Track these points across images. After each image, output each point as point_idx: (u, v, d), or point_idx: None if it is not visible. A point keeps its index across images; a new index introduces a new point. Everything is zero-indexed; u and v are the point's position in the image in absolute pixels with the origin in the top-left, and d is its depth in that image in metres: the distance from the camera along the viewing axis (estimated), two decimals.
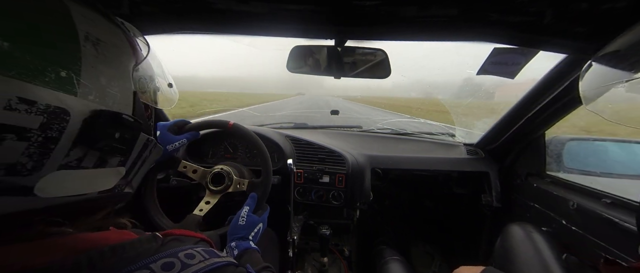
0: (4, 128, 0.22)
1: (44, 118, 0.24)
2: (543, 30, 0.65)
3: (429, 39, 0.74)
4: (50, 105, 0.24)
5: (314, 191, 1.21)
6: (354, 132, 1.65)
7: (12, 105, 0.22)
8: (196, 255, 0.31)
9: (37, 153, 0.24)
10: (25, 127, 0.23)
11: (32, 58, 0.23)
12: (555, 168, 1.13)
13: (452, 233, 1.68)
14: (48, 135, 0.24)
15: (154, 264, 0.28)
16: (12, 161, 0.23)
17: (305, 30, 0.72)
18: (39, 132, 0.24)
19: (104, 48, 0.30)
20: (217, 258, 0.33)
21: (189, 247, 0.32)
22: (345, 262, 1.30)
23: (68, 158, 0.27)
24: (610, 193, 0.86)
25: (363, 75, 0.87)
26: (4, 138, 0.22)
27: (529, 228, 0.94)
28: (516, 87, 0.94)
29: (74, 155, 0.27)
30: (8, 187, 0.24)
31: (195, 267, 0.30)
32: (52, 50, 0.25)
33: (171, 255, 0.30)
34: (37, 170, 0.25)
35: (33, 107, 0.23)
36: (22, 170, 0.24)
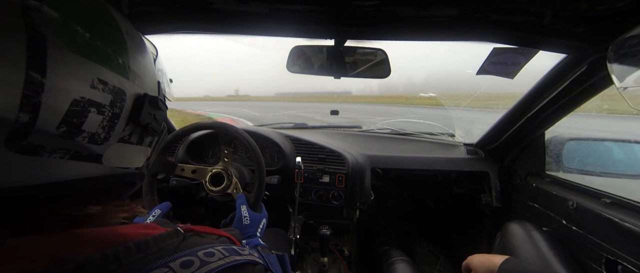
0: (90, 102, 0.27)
1: (112, 96, 0.29)
2: (543, 30, 0.65)
3: (429, 39, 0.74)
4: (116, 87, 0.29)
5: (314, 191, 1.21)
6: (354, 132, 1.65)
7: (94, 84, 0.27)
8: (216, 253, 0.32)
9: (107, 126, 0.29)
10: (101, 103, 0.28)
11: (101, 48, 0.28)
12: (555, 168, 1.13)
13: (452, 233, 1.68)
14: (114, 111, 0.29)
15: (173, 262, 0.28)
16: (93, 130, 0.28)
17: (305, 30, 0.72)
18: (110, 108, 0.29)
19: (138, 42, 0.35)
20: (237, 256, 0.33)
21: (209, 246, 0.33)
22: (345, 262, 1.30)
23: (124, 132, 0.32)
24: (610, 193, 0.86)
25: (363, 75, 0.87)
26: (89, 111, 0.27)
27: (528, 227, 0.94)
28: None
29: (128, 130, 0.32)
30: (87, 154, 0.28)
31: (214, 264, 0.30)
32: (111, 41, 0.30)
33: (191, 254, 0.30)
34: (106, 141, 0.30)
35: (106, 87, 0.28)
36: (98, 139, 0.29)
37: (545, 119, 1.03)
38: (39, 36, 0.23)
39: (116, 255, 0.27)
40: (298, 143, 1.28)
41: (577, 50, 0.74)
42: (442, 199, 1.69)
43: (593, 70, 0.77)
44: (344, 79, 0.88)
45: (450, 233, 1.69)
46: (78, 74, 0.25)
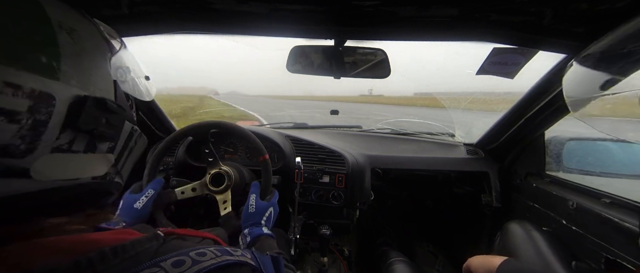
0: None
1: (31, 101, 0.25)
2: (543, 30, 0.65)
3: (429, 39, 0.74)
4: (35, 90, 0.26)
5: (314, 191, 1.21)
6: (354, 132, 1.65)
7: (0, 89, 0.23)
8: (208, 253, 0.31)
9: (28, 136, 0.26)
10: (13, 110, 0.24)
11: (12, 45, 0.25)
12: (555, 168, 1.13)
13: (452, 233, 1.68)
14: (37, 118, 0.26)
15: (164, 262, 0.28)
16: (4, 142, 0.24)
17: (305, 30, 0.72)
18: (28, 115, 0.25)
19: (79, 37, 0.31)
20: (229, 256, 0.33)
21: (201, 247, 0.32)
22: (345, 262, 1.30)
23: (59, 141, 0.28)
24: (609, 193, 0.86)
25: (363, 75, 0.87)
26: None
27: (528, 227, 0.94)
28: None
29: (65, 138, 0.29)
30: (4, 169, 0.25)
31: (207, 263, 0.30)
32: (29, 37, 0.26)
33: (183, 254, 0.30)
34: (30, 152, 0.26)
35: (19, 91, 0.24)
36: (16, 152, 0.25)
37: (545, 118, 1.03)
38: None
39: (89, 262, 0.26)
40: (298, 143, 1.28)
41: (577, 50, 0.74)
42: (442, 199, 1.69)
43: None
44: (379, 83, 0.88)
45: (450, 233, 1.69)
46: None
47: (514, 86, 0.92)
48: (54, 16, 0.29)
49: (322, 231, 1.09)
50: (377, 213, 1.74)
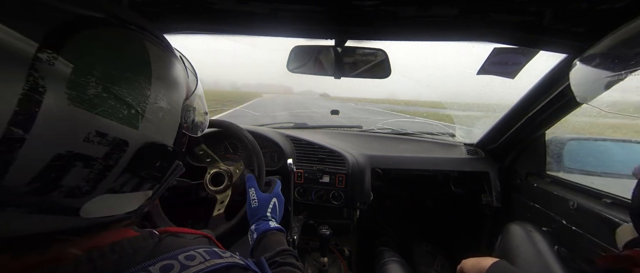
0: (77, 157, 0.24)
1: (108, 149, 0.26)
2: (543, 30, 0.65)
3: (429, 39, 0.74)
4: (117, 138, 0.26)
5: (314, 191, 1.21)
6: (354, 132, 1.65)
7: (89, 137, 0.24)
8: (197, 256, 0.31)
9: (94, 179, 0.26)
10: (92, 156, 0.25)
11: (114, 99, 0.26)
12: (556, 168, 1.13)
13: (453, 233, 1.68)
14: (107, 163, 0.27)
15: (153, 267, 0.28)
16: (74, 185, 0.25)
17: (305, 30, 0.72)
18: (102, 161, 0.26)
19: (168, 86, 0.32)
20: (218, 259, 0.32)
21: (190, 248, 0.32)
22: (345, 262, 1.30)
23: (115, 183, 0.29)
24: (610, 193, 0.86)
25: (363, 76, 0.87)
26: (74, 165, 0.24)
27: (529, 228, 0.94)
28: None
29: (121, 180, 0.29)
30: (60, 208, 0.25)
31: (195, 268, 0.29)
32: (130, 90, 0.27)
33: (171, 257, 0.30)
34: (89, 194, 0.27)
35: (104, 139, 0.25)
36: (78, 193, 0.26)
37: (546, 118, 1.03)
38: (37, 90, 0.21)
39: (90, 258, 0.26)
40: (298, 143, 1.28)
41: (577, 50, 0.73)
42: (442, 199, 1.69)
43: None
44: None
45: (450, 233, 1.69)
46: (72, 127, 0.24)
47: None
48: (155, 67, 0.30)
49: (322, 231, 1.09)
50: (377, 213, 1.74)
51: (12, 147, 0.21)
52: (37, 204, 0.24)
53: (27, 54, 0.21)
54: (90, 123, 0.24)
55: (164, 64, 0.32)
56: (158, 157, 0.32)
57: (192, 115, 0.39)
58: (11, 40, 0.21)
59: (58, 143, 0.23)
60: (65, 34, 0.24)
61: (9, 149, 0.21)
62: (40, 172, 0.23)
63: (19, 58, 0.21)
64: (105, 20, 0.27)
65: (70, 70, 0.23)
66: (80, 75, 0.24)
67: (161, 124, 0.31)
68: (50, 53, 0.22)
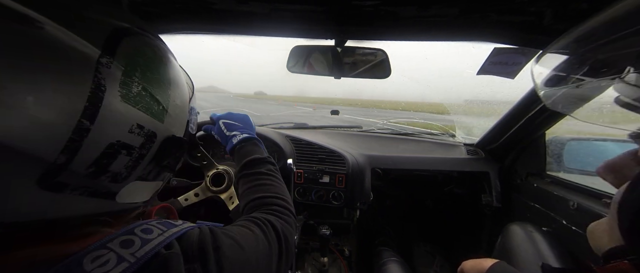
0: (123, 145, 0.28)
1: (144, 139, 0.30)
2: (543, 30, 0.65)
3: (429, 39, 0.74)
4: (150, 130, 0.31)
5: (314, 191, 1.21)
6: (354, 132, 1.65)
7: (132, 129, 0.29)
8: (153, 230, 0.32)
9: (131, 166, 0.30)
10: (133, 145, 0.29)
11: (149, 97, 0.31)
12: (556, 168, 1.13)
13: (453, 233, 1.68)
14: (142, 152, 0.31)
15: (111, 243, 0.29)
16: (117, 171, 0.29)
17: (305, 30, 0.72)
18: (139, 149, 0.30)
19: (179, 86, 0.38)
20: (174, 228, 0.34)
21: (144, 222, 0.33)
22: (345, 262, 1.30)
23: (144, 171, 0.33)
24: (610, 193, 0.85)
25: (363, 76, 0.87)
26: (120, 153, 0.28)
27: (529, 228, 0.94)
28: None
29: (148, 169, 0.33)
30: (105, 191, 0.29)
31: (155, 241, 0.31)
32: (160, 90, 0.32)
33: (128, 233, 0.31)
34: (126, 179, 0.31)
35: (142, 131, 0.30)
36: (119, 179, 0.30)
37: (546, 119, 1.03)
38: (100, 89, 0.25)
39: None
40: (298, 143, 1.28)
41: None
42: (442, 199, 1.69)
43: None
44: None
45: (450, 233, 1.69)
46: (122, 120, 0.28)
47: None
48: (172, 70, 0.36)
49: (322, 231, 1.09)
50: (377, 213, 1.74)
51: (81, 135, 0.24)
52: (88, 187, 0.27)
53: (92, 58, 0.25)
54: (134, 117, 0.29)
55: (175, 67, 0.38)
56: (175, 149, 0.37)
57: (193, 112, 0.44)
58: (79, 46, 0.25)
59: (112, 134, 0.27)
60: (116, 41, 0.28)
61: (79, 137, 0.24)
62: (97, 159, 0.26)
63: (87, 63, 0.25)
64: (132, 30, 0.31)
65: (121, 72, 0.28)
66: (128, 76, 0.28)
67: (177, 119, 0.36)
68: (108, 58, 0.27)
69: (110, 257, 0.27)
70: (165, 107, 0.33)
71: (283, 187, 0.60)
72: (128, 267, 0.27)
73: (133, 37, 0.30)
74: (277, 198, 0.56)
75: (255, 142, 0.68)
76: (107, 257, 0.27)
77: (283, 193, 0.58)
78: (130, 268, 0.27)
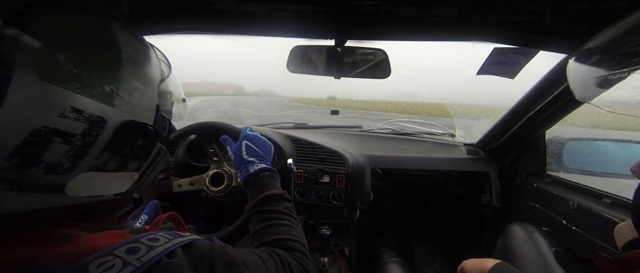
0: (55, 132, 0.25)
1: (86, 125, 0.27)
2: (543, 30, 0.65)
3: (429, 39, 0.74)
4: (94, 115, 0.28)
5: (314, 191, 1.21)
6: (354, 132, 1.65)
7: (65, 113, 0.25)
8: (160, 238, 0.32)
9: (74, 156, 0.27)
10: (70, 132, 0.26)
11: (87, 75, 0.27)
12: (556, 168, 1.13)
13: (453, 233, 1.68)
14: (86, 140, 0.28)
15: (117, 250, 0.29)
16: (54, 161, 0.26)
17: (305, 30, 0.72)
18: (81, 136, 0.27)
19: (140, 68, 0.34)
20: (180, 238, 0.34)
21: (152, 233, 0.33)
22: (345, 262, 1.30)
23: (97, 161, 0.30)
24: (610, 193, 0.86)
25: (363, 75, 0.87)
26: (52, 141, 0.25)
27: (530, 229, 0.94)
28: None
29: (102, 158, 0.30)
30: (43, 185, 0.26)
31: (161, 248, 0.31)
32: (102, 69, 0.29)
33: (134, 241, 0.31)
34: (71, 171, 0.28)
35: (80, 115, 0.27)
36: (60, 170, 0.27)
37: (546, 119, 1.03)
38: (6, 65, 0.22)
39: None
40: (298, 143, 1.28)
41: None
42: (442, 199, 1.69)
43: None
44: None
45: (450, 233, 1.69)
46: (46, 103, 0.24)
47: None
48: (125, 48, 0.32)
49: (322, 231, 1.09)
50: (377, 213, 1.74)
51: None
52: (19, 181, 0.25)
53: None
54: (65, 99, 0.25)
55: (134, 47, 0.34)
56: (139, 136, 0.34)
57: (169, 98, 0.41)
58: None
59: (34, 119, 0.24)
60: (31, 13, 0.24)
61: None
62: (18, 147, 0.23)
63: None
64: (67, 4, 0.27)
65: (39, 45, 0.24)
66: (49, 52, 0.25)
67: (138, 103, 0.33)
68: (15, 30, 0.23)
69: (116, 263, 0.27)
70: (115, 88, 0.29)
71: (300, 229, 0.58)
72: (133, 270, 0.27)
73: (62, 10, 0.27)
74: (298, 243, 0.53)
75: (273, 175, 0.65)
76: (112, 262, 0.27)
77: (301, 237, 0.56)
78: (136, 272, 0.27)
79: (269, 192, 0.59)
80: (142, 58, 0.35)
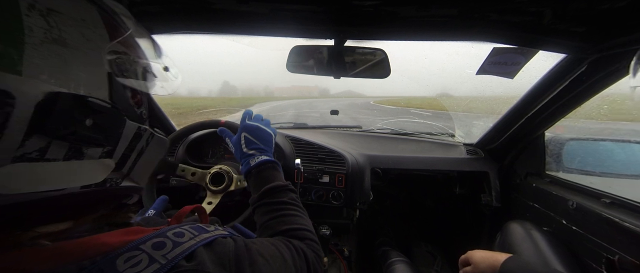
0: None
1: None
2: (543, 30, 0.65)
3: (429, 39, 0.74)
4: None
5: (314, 191, 1.21)
6: (354, 132, 1.65)
7: None
8: (185, 233, 0.32)
9: None
10: None
11: None
12: (555, 168, 1.13)
13: (452, 233, 1.68)
14: None
15: (144, 244, 0.28)
16: None
17: (305, 30, 0.72)
18: None
19: (61, 21, 0.26)
20: (206, 233, 0.33)
21: (176, 226, 0.33)
22: (345, 262, 1.30)
23: (24, 149, 0.23)
24: (609, 193, 0.86)
25: (363, 75, 0.87)
26: None
27: (528, 226, 0.94)
28: None
29: (32, 145, 0.24)
30: None
31: (187, 244, 0.30)
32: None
33: (160, 235, 0.30)
34: None
35: None
36: None
37: (545, 118, 1.03)
38: None
39: (94, 264, 0.25)
40: (298, 143, 1.28)
41: (577, 50, 0.74)
42: (442, 199, 1.69)
43: (593, 70, 0.77)
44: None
45: (450, 233, 1.69)
46: None
47: None
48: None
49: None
50: (377, 213, 1.74)
51: None
52: None
53: None
54: None
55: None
56: (81, 114, 0.26)
57: (131, 65, 0.33)
58: None
59: None
60: None
61: None
62: None
63: None
64: None
65: None
66: None
67: (67, 70, 0.26)
68: None
69: (143, 258, 0.27)
70: (15, 50, 0.22)
71: (308, 219, 0.57)
72: (159, 267, 0.27)
73: None
74: (309, 231, 0.53)
75: (275, 166, 0.63)
76: (139, 257, 0.27)
77: (310, 227, 0.55)
78: (161, 269, 0.27)
79: (273, 184, 0.58)
80: (67, 9, 0.27)
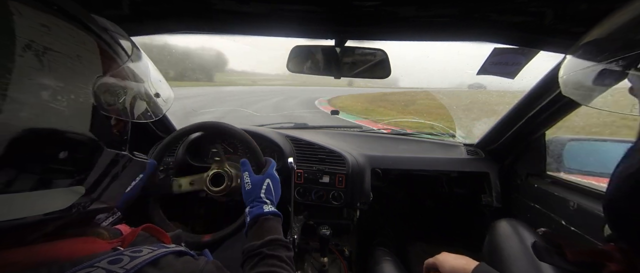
0: None
1: None
2: (543, 30, 0.65)
3: (429, 39, 0.74)
4: None
5: (314, 191, 1.21)
6: (354, 132, 1.65)
7: None
8: (144, 250, 0.32)
9: None
10: None
11: None
12: (556, 169, 1.13)
13: (452, 234, 1.68)
14: None
15: (100, 262, 0.28)
16: None
17: (305, 30, 0.72)
18: None
19: (55, 59, 0.26)
20: (164, 249, 0.34)
21: (134, 247, 0.33)
22: (345, 262, 1.30)
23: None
24: None
25: (363, 75, 0.87)
26: None
27: (514, 223, 0.94)
28: None
29: (1, 177, 0.23)
30: None
31: (142, 257, 0.30)
32: None
33: (116, 254, 0.30)
34: None
35: None
36: None
37: (546, 119, 1.03)
38: None
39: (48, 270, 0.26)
40: (298, 143, 1.28)
41: None
42: (442, 199, 1.69)
43: None
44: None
45: (450, 233, 1.69)
46: None
47: None
48: (24, 33, 0.24)
49: (322, 231, 1.09)
50: (377, 213, 1.74)
51: None
52: None
53: None
54: None
55: (49, 31, 0.26)
56: (55, 147, 0.26)
57: (120, 95, 0.33)
58: None
59: None
60: None
61: None
62: None
63: None
64: None
65: None
66: None
67: (50, 105, 0.25)
68: None
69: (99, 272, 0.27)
70: (3, 91, 0.22)
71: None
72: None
73: None
74: None
75: (278, 219, 0.67)
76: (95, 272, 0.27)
77: None
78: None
79: (275, 236, 0.60)
80: (63, 46, 0.26)
